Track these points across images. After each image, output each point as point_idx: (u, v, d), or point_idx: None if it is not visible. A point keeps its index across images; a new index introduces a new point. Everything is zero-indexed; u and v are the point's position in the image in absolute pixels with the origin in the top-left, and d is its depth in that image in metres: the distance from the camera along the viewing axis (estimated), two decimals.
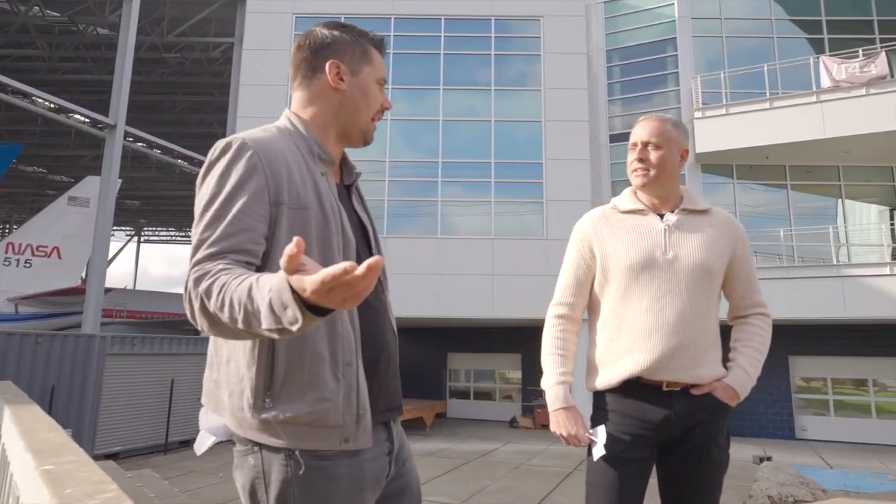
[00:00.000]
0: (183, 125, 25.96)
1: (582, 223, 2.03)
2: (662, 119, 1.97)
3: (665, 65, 14.07)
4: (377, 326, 1.29)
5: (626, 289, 1.87)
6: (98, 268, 13.69)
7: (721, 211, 2.01)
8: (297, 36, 13.06)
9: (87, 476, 1.30)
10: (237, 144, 1.19)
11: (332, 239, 1.22)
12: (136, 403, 10.13)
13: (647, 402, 1.82)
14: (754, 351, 1.93)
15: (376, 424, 1.25)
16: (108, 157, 14.07)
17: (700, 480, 1.83)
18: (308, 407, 1.15)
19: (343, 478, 1.18)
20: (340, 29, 1.38)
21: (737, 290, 1.97)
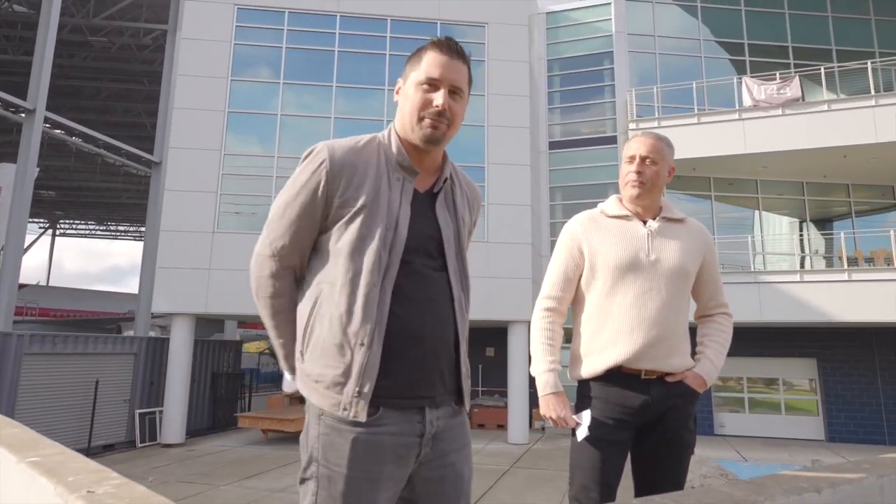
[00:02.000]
0: (108, 113, 24.56)
1: (572, 224, 2.21)
2: (659, 137, 2.18)
3: (602, 77, 14.68)
4: (421, 322, 1.38)
5: (612, 286, 2.06)
6: (12, 262, 12.77)
7: (694, 221, 2.25)
8: (237, 28, 12.74)
9: (82, 466, 1.27)
10: (316, 150, 1.42)
11: (376, 235, 1.36)
12: (56, 405, 9.55)
13: (628, 389, 2.01)
14: (719, 345, 2.17)
15: (406, 408, 1.36)
16: (25, 144, 13.15)
17: (672, 460, 2.02)
18: (318, 369, 1.35)
19: (361, 444, 1.30)
20: (420, 48, 1.49)
21: (705, 292, 2.21)
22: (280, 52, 12.84)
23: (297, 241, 1.42)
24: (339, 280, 1.35)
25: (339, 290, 1.35)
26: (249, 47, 12.81)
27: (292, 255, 1.43)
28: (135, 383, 11.35)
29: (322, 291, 1.38)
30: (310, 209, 1.40)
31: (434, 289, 1.43)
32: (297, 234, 1.41)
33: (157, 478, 8.60)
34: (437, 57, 1.44)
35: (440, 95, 1.43)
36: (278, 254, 1.42)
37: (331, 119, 12.65)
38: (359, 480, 1.30)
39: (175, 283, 11.71)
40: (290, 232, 1.41)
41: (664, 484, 1.96)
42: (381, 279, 1.34)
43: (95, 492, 1.04)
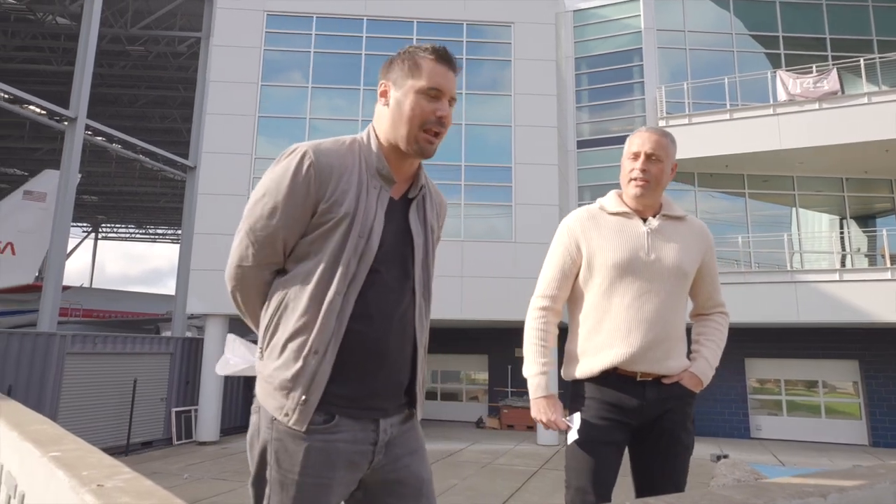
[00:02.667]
0: (145, 119, 25.33)
1: (570, 220, 2.15)
2: (664, 133, 2.11)
3: (631, 74, 14.47)
4: (374, 339, 1.38)
5: (610, 285, 2.00)
6: (56, 264, 13.27)
7: (695, 219, 2.19)
8: (267, 34, 13.00)
9: (98, 461, 1.34)
10: (299, 152, 1.38)
11: (349, 244, 1.35)
12: (97, 404, 9.89)
13: (622, 391, 1.96)
14: (714, 345, 2.12)
15: (363, 419, 1.37)
16: (67, 151, 13.64)
17: (671, 462, 1.98)
18: (270, 371, 1.36)
19: (314, 450, 1.30)
20: (404, 52, 1.46)
21: (703, 291, 2.16)
22: (308, 57, 13.04)
23: (283, 248, 1.39)
24: (307, 285, 1.35)
25: (304, 295, 1.35)
26: (279, 53, 13.05)
27: (279, 260, 1.42)
28: (171, 382, 11.68)
29: (288, 293, 1.37)
30: (300, 212, 1.36)
31: (397, 299, 1.42)
32: (284, 243, 1.38)
33: (192, 475, 8.83)
34: (439, 67, 1.42)
35: (444, 106, 1.42)
36: (265, 265, 1.41)
37: (358, 121, 12.79)
38: (312, 486, 1.30)
39: (208, 285, 12.00)
40: (275, 240, 1.38)
41: (664, 486, 1.93)
42: (345, 288, 1.34)
43: (105, 485, 1.10)
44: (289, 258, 1.41)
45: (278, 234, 1.37)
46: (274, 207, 1.36)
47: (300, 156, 1.37)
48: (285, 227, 1.37)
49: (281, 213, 1.36)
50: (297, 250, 1.39)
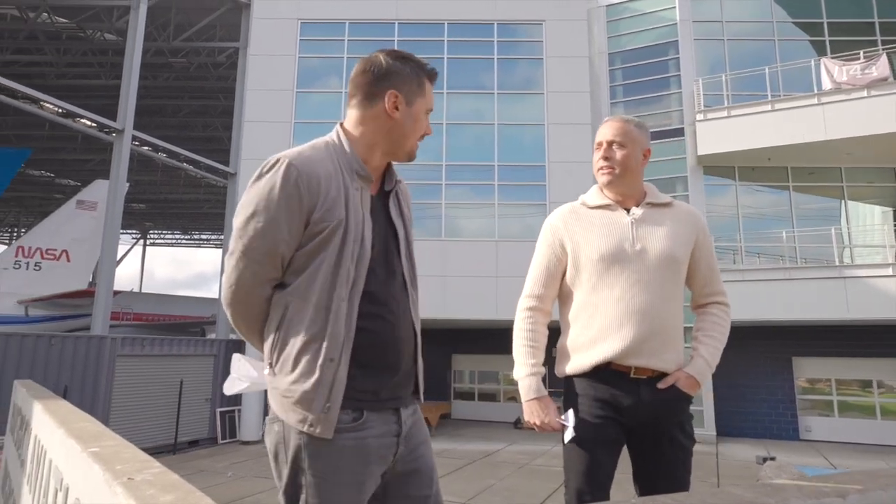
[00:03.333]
0: (188, 129, 26.17)
1: (552, 219, 2.13)
2: (626, 120, 2.08)
3: (667, 67, 14.17)
4: (387, 331, 1.43)
5: (598, 280, 1.96)
6: (107, 270, 13.84)
7: (683, 204, 2.13)
8: (301, 42, 13.26)
9: (132, 456, 1.42)
10: (283, 164, 1.39)
11: (346, 250, 1.39)
12: (146, 404, 10.29)
13: (617, 387, 1.91)
14: (714, 341, 2.04)
15: (384, 410, 1.42)
16: (116, 161, 14.23)
17: (670, 464, 1.93)
18: (287, 385, 1.36)
19: (348, 450, 1.34)
20: (402, 60, 1.53)
21: (698, 279, 2.08)
22: (342, 63, 13.26)
23: (281, 263, 1.40)
24: (309, 295, 1.37)
25: (309, 305, 1.37)
26: (313, 59, 13.32)
27: (278, 275, 1.42)
28: (215, 383, 12.04)
29: (290, 305, 1.39)
30: (296, 224, 1.37)
31: (394, 293, 1.48)
32: (283, 257, 1.39)
33: (236, 473, 9.09)
34: (431, 88, 1.57)
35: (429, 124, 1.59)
36: (266, 282, 1.41)
37: None
38: (348, 485, 1.34)
39: None
40: (273, 256, 1.38)
41: (665, 488, 1.89)
42: (348, 292, 1.37)
43: (135, 479, 1.18)
44: (287, 270, 1.42)
45: (277, 250, 1.38)
46: (268, 223, 1.36)
47: (285, 167, 1.38)
48: (283, 241, 1.37)
49: (277, 227, 1.36)
50: (294, 262, 1.40)
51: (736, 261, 13.15)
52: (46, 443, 2.20)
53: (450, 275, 12.40)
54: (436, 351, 17.05)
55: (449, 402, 16.59)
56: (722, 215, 13.51)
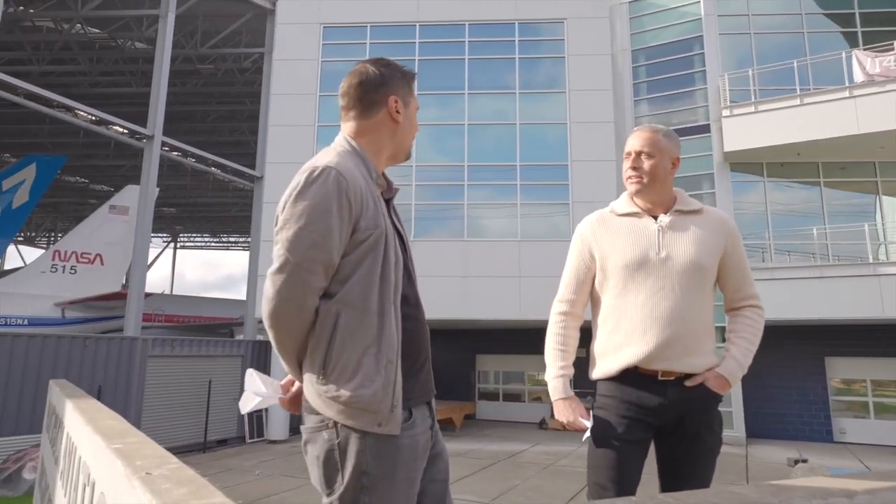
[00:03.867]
0: (216, 134, 26.70)
1: (582, 226, 2.21)
2: (655, 130, 2.14)
3: (692, 63, 13.96)
4: (421, 331, 1.55)
5: (624, 286, 2.04)
6: (138, 273, 14.21)
7: (713, 210, 2.16)
8: (324, 46, 13.43)
9: (152, 452, 1.48)
10: (332, 174, 1.42)
11: (389, 256, 1.46)
12: (176, 403, 10.53)
13: (644, 389, 1.98)
14: (746, 342, 2.08)
15: (421, 405, 1.52)
16: (146, 167, 14.59)
17: (694, 463, 1.97)
18: (351, 391, 1.38)
19: (405, 448, 1.43)
20: (388, 66, 1.61)
21: (730, 284, 2.13)
22: None
23: (332, 272, 1.43)
24: (363, 303, 1.41)
25: (362, 312, 1.41)
26: (336, 63, 13.46)
27: (325, 286, 1.44)
28: (242, 383, 12.24)
29: (342, 313, 1.41)
30: (344, 235, 1.42)
31: (416, 293, 1.58)
32: (334, 265, 1.43)
33: (263, 471, 9.24)
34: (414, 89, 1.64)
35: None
36: (317, 291, 1.42)
37: None
38: (404, 482, 1.42)
39: None
40: (327, 266, 1.42)
41: (688, 487, 1.91)
42: (394, 297, 1.45)
43: (153, 473, 1.24)
44: (332, 280, 1.44)
45: (332, 260, 1.41)
46: (325, 233, 1.39)
47: (335, 177, 1.41)
48: (337, 250, 1.41)
49: (332, 237, 1.39)
50: (339, 271, 1.43)
51: (765, 259, 12.89)
52: (76, 439, 2.29)
53: (472, 275, 12.42)
54: (460, 351, 17.08)
55: (473, 402, 16.59)
56: (750, 212, 13.26)
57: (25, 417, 8.26)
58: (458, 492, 7.87)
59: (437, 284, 12.26)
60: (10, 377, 8.30)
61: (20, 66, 21.19)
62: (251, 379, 1.70)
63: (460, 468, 9.45)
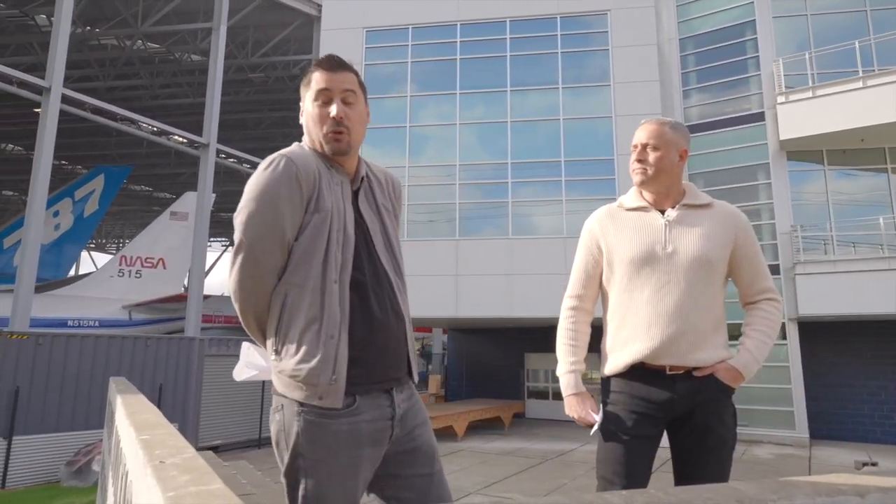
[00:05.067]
0: (269, 140, 27.54)
1: (590, 221, 2.21)
2: (661, 122, 2.11)
3: (744, 49, 13.40)
4: (374, 310, 1.52)
5: (630, 281, 2.02)
6: (197, 276, 14.86)
7: (723, 203, 2.11)
8: (367, 49, 13.64)
9: (173, 443, 1.57)
10: (283, 160, 1.50)
11: (333, 237, 1.50)
12: (232, 401, 10.95)
13: (652, 384, 1.95)
14: (762, 335, 2.02)
15: (376, 391, 1.50)
16: (202, 174, 15.24)
17: (707, 457, 1.93)
18: (293, 365, 1.45)
19: (342, 434, 1.43)
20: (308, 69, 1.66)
21: (743, 278, 2.07)
22: (406, 67, 13.52)
23: (286, 250, 1.50)
24: (306, 282, 1.47)
25: (307, 290, 1.46)
26: (378, 66, 13.67)
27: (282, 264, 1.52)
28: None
29: (289, 293, 1.48)
30: (298, 215, 1.49)
31: (379, 279, 1.56)
32: (288, 244, 1.50)
33: None
34: (323, 74, 1.58)
35: (334, 107, 1.56)
36: (273, 271, 1.50)
37: (456, 126, 13.04)
38: (342, 467, 1.43)
39: None
40: (282, 245, 1.50)
41: (701, 481, 1.83)
42: (337, 276, 1.48)
43: (165, 462, 1.32)
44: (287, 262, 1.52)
45: (284, 238, 1.48)
46: (275, 215, 1.47)
47: (284, 162, 1.49)
48: (289, 229, 1.49)
49: (283, 218, 1.47)
50: (291, 253, 1.50)
51: (827, 251, 12.25)
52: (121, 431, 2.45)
53: (518, 273, 12.35)
54: (507, 350, 17.02)
55: (522, 401, 16.50)
56: (810, 203, 12.62)
57: (95, 413, 8.79)
58: (505, 490, 7.87)
59: (482, 283, 12.25)
60: (80, 375, 8.85)
61: (88, 82, 22.51)
62: (248, 351, 1.79)
63: (508, 466, 9.43)
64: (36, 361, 8.43)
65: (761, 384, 12.34)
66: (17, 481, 8.16)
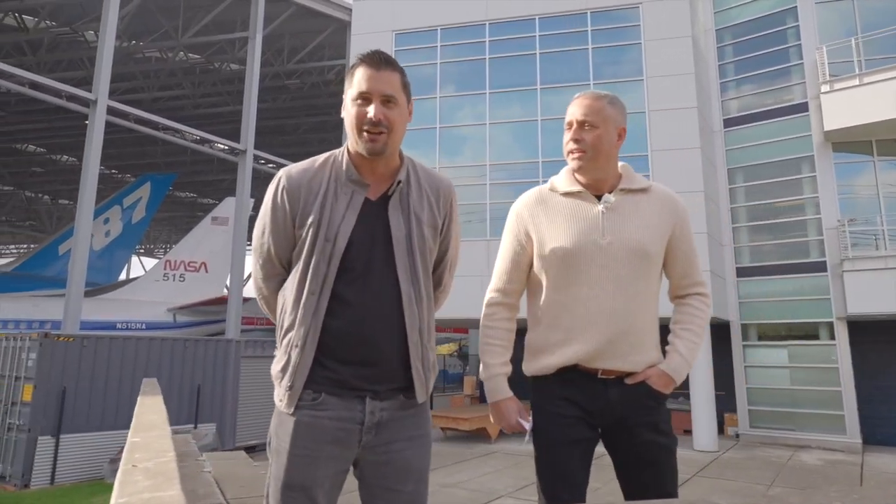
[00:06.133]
0: (306, 145, 28.03)
1: (518, 206, 1.98)
2: (598, 96, 1.89)
3: (785, 38, 12.89)
4: (360, 323, 1.51)
5: (564, 277, 1.82)
6: (236, 279, 15.23)
7: (660, 188, 1.91)
8: (396, 52, 13.72)
9: (158, 447, 1.60)
10: (276, 178, 1.61)
11: (316, 249, 1.52)
12: (268, 401, 11.14)
13: (583, 388, 1.79)
14: (691, 334, 1.86)
15: (348, 397, 1.51)
16: (240, 180, 15.63)
17: (652, 468, 1.77)
18: (273, 364, 1.61)
19: (302, 425, 1.50)
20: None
21: (676, 270, 1.90)
22: (435, 69, 13.54)
23: (279, 262, 1.62)
24: (292, 290, 1.55)
25: (290, 298, 1.55)
26: (407, 68, 13.66)
27: (279, 272, 1.64)
28: None
29: (285, 297, 1.59)
30: (282, 229, 1.58)
31: (377, 291, 1.53)
32: (277, 256, 1.61)
33: None
34: (366, 71, 1.53)
35: (372, 108, 1.52)
36: (271, 277, 1.65)
37: (486, 126, 12.98)
38: (300, 457, 1.48)
39: None
40: (269, 256, 1.61)
41: (651, 493, 1.73)
42: (318, 288, 1.50)
43: (138, 465, 1.34)
44: (288, 269, 1.62)
45: (270, 250, 1.61)
46: (263, 228, 1.61)
47: (276, 181, 1.60)
48: (275, 243, 1.60)
49: (268, 232, 1.60)
50: (291, 262, 1.61)
51: (878, 246, 11.66)
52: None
53: None
54: None
55: None
56: (858, 196, 12.05)
57: None
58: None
59: None
60: (123, 375, 9.20)
61: (134, 94, 23.41)
62: None
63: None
64: (81, 363, 8.80)
65: (808, 386, 11.85)
66: (65, 478, 8.54)
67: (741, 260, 12.85)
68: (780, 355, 12.37)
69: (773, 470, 9.44)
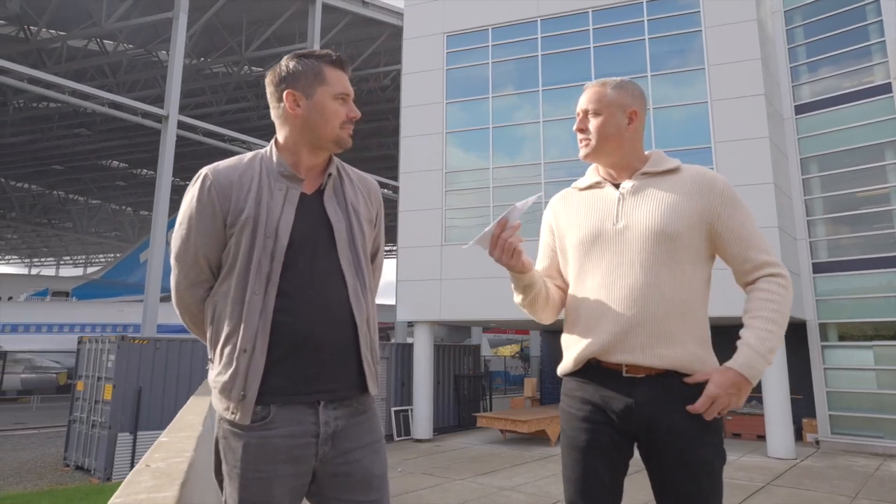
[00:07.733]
0: (365, 150, 28.61)
1: (551, 201, 1.96)
2: (602, 83, 1.83)
3: (863, 15, 11.98)
4: (309, 322, 1.45)
5: (581, 267, 1.77)
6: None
7: (693, 167, 1.77)
8: (448, 55, 13.76)
9: (180, 447, 1.65)
10: (201, 176, 1.52)
11: (257, 245, 1.46)
12: None
13: (608, 387, 1.66)
14: (763, 321, 1.61)
15: (298, 405, 1.43)
16: None
17: (689, 483, 1.59)
18: (214, 377, 1.46)
19: (252, 447, 1.39)
20: (298, 59, 1.58)
21: (733, 255, 1.70)
22: (487, 69, 13.47)
23: (207, 266, 1.52)
24: (229, 292, 1.46)
25: (228, 301, 1.45)
26: (459, 70, 13.72)
27: (207, 277, 1.54)
28: (389, 384, 12.98)
29: (217, 305, 1.49)
30: (211, 229, 1.49)
31: (323, 286, 1.48)
32: (206, 259, 1.51)
33: (405, 469, 9.68)
34: (340, 74, 1.57)
35: (353, 107, 1.59)
36: (196, 284, 1.53)
37: (539, 123, 12.78)
38: (254, 480, 1.39)
39: (413, 294, 13.08)
40: (196, 260, 1.51)
41: None
42: (263, 287, 1.43)
43: (151, 466, 1.38)
44: (217, 274, 1.53)
45: (199, 254, 1.50)
46: (188, 231, 1.50)
47: (201, 179, 1.51)
48: (203, 245, 1.50)
49: (195, 234, 1.49)
50: (222, 265, 1.51)
51: None
52: None
53: None
54: None
55: None
56: None
57: None
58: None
59: None
60: (193, 375, 9.66)
61: (204, 108, 24.65)
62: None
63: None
64: (154, 364, 9.31)
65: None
66: None
67: (818, 255, 12.04)
68: (864, 357, 11.49)
69: (858, 480, 8.78)
